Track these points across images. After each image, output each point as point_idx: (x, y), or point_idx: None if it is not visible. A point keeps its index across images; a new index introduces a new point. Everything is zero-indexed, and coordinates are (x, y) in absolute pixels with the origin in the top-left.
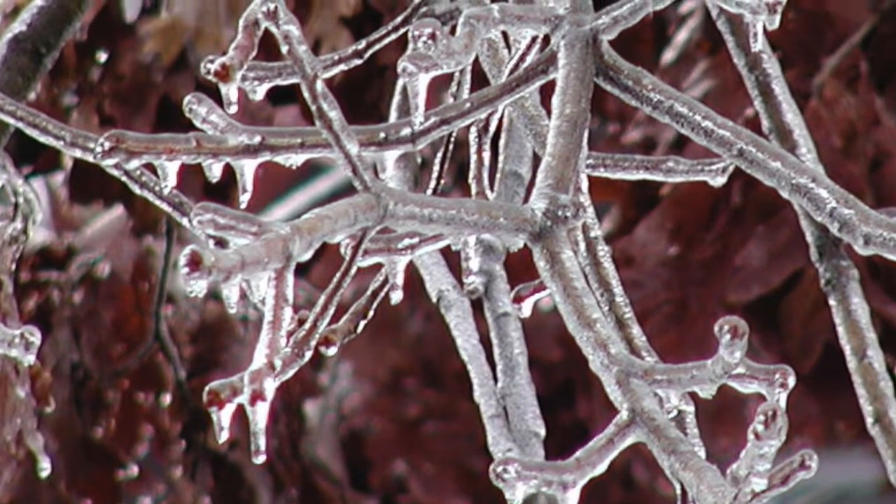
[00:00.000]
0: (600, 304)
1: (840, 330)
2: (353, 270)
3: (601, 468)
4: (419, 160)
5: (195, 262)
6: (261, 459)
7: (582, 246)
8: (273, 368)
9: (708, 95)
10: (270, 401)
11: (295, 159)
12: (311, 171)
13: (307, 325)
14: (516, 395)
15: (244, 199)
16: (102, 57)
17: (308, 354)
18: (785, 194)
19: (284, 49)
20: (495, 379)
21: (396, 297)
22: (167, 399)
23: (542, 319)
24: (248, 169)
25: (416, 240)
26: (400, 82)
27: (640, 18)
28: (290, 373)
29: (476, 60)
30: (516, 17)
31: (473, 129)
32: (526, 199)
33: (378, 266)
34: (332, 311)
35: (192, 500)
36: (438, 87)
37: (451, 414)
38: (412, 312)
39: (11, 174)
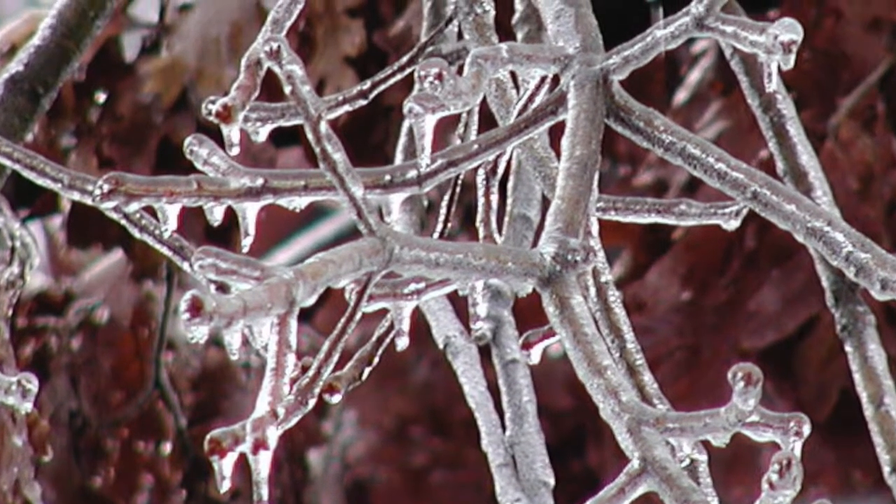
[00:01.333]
0: (611, 350)
1: (856, 377)
2: (358, 316)
3: None
4: (425, 203)
5: (196, 308)
6: None
7: (592, 291)
8: (276, 416)
9: (721, 137)
10: (273, 450)
11: (298, 202)
12: (315, 214)
13: (311, 372)
14: (525, 444)
15: (246, 243)
16: (101, 97)
17: (312, 402)
18: (800, 238)
19: (287, 89)
20: (503, 427)
21: (402, 343)
22: (168, 448)
23: (552, 366)
24: (250, 212)
25: (422, 285)
26: (406, 123)
27: (652, 58)
28: (294, 421)
29: (484, 101)
30: (525, 57)
31: (481, 172)
32: (535, 243)
33: (383, 312)
34: (336, 357)
35: None
36: (445, 128)
37: (458, 463)
38: (418, 359)
39: (8, 217)
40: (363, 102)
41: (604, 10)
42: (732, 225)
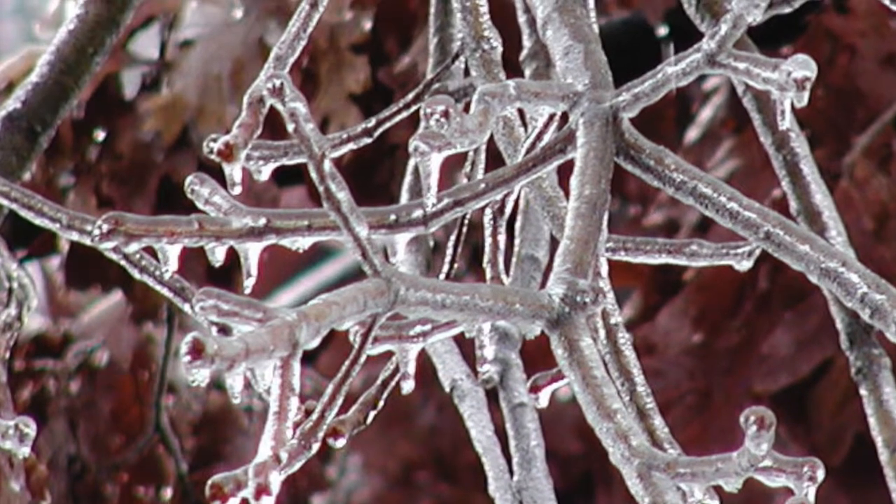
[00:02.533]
0: (621, 393)
1: (871, 421)
2: (363, 359)
3: None
4: (431, 243)
5: (197, 350)
6: None
7: (602, 333)
8: (279, 461)
9: (733, 175)
10: (276, 495)
11: (302, 242)
12: (319, 254)
13: (314, 416)
14: (533, 489)
15: (249, 284)
16: (100, 135)
17: (315, 446)
18: (814, 279)
19: (291, 127)
20: (511, 472)
21: (408, 386)
22: (168, 493)
23: (560, 410)
24: (252, 253)
25: (428, 327)
26: (411, 162)
27: (663, 95)
28: (297, 466)
29: (491, 139)
30: (533, 94)
31: (488, 211)
32: (543, 285)
33: (388, 354)
34: (340, 401)
35: None
36: (452, 167)
37: None
38: (424, 403)
39: (5, 258)
40: (368, 140)
41: (613, 47)
42: (745, 266)
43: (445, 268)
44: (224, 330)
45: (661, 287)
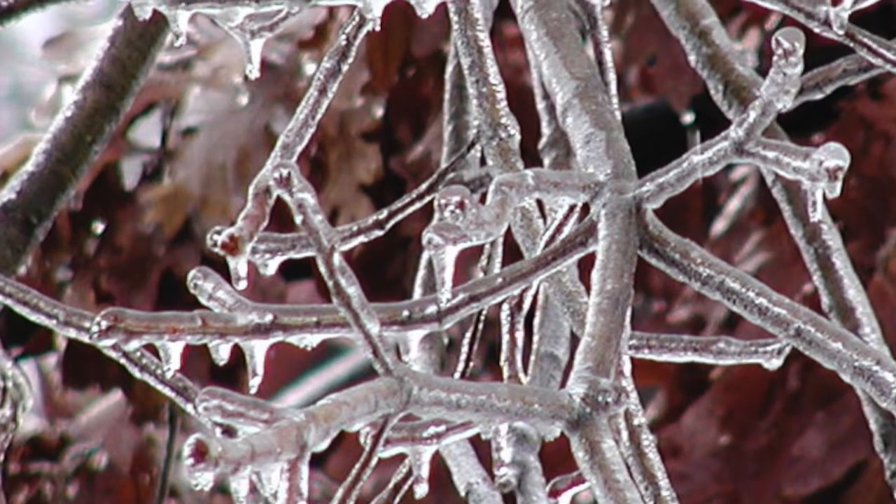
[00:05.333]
0: (644, 498)
1: None
2: (374, 461)
3: None
4: (446, 341)
5: (201, 453)
6: None
7: (624, 435)
8: None
9: (762, 270)
10: None
11: (310, 340)
12: (328, 352)
13: None
14: None
15: (254, 383)
16: (99, 227)
17: None
18: (847, 378)
19: (298, 219)
20: None
21: (421, 490)
22: None
23: None
24: (258, 350)
25: (442, 428)
26: (425, 255)
27: (688, 185)
28: None
29: (508, 231)
30: (552, 184)
31: (505, 307)
32: (563, 384)
33: (401, 457)
34: None
35: None
36: (467, 260)
37: None
38: None
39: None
40: (379, 233)
41: (637, 135)
42: (774, 364)
43: (460, 366)
44: (228, 431)
45: (686, 386)
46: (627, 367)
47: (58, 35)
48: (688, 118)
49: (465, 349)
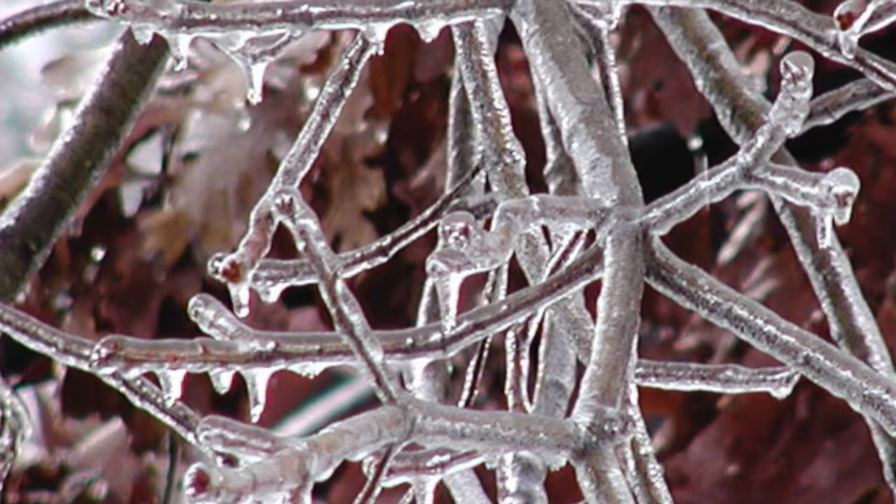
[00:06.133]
0: None
1: None
2: (377, 491)
3: None
4: (450, 369)
5: (202, 482)
6: None
7: (631, 464)
8: None
9: (770, 297)
10: None
11: (312, 368)
12: (331, 381)
13: None
14: None
15: (256, 412)
16: (99, 254)
17: None
18: (856, 407)
19: (301, 245)
20: None
21: None
22: None
23: None
24: (260, 379)
25: (446, 457)
26: (429, 282)
27: (696, 211)
28: None
29: (513, 258)
30: (558, 210)
31: (510, 335)
32: (569, 413)
33: (405, 486)
34: None
35: None
36: (472, 287)
37: None
38: None
39: None
40: (382, 260)
41: (643, 160)
42: (783, 392)
43: (465, 395)
44: (230, 461)
45: (693, 415)
46: (634, 396)
47: (57, 59)
48: (695, 143)
49: (469, 377)
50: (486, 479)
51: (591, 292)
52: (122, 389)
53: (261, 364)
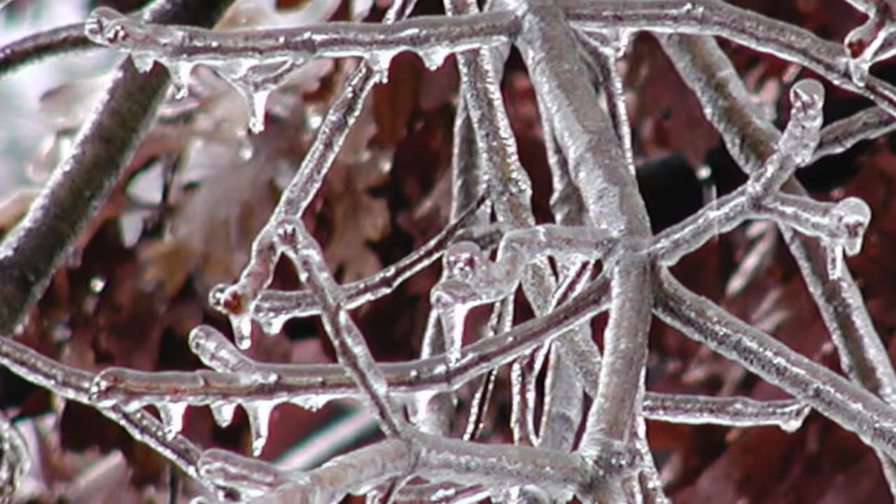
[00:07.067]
0: None
1: None
2: None
3: None
4: (455, 401)
5: None
6: None
7: (639, 498)
8: None
9: (780, 328)
10: None
11: (315, 400)
12: (334, 413)
13: None
14: None
15: (258, 445)
16: (98, 285)
17: None
18: (867, 440)
19: (303, 276)
20: None
21: None
22: None
23: None
24: (262, 411)
25: (451, 491)
26: (433, 314)
27: (704, 242)
28: None
29: (519, 289)
30: (564, 241)
31: (516, 367)
32: (575, 446)
33: None
34: None
35: None
36: (477, 319)
37: None
38: None
39: None
40: (386, 291)
41: (651, 190)
42: (793, 426)
43: (470, 428)
44: (232, 495)
45: (702, 448)
46: (642, 429)
47: (56, 87)
48: (703, 173)
49: (474, 410)
50: None
51: (599, 324)
52: (123, 422)
53: (263, 396)
